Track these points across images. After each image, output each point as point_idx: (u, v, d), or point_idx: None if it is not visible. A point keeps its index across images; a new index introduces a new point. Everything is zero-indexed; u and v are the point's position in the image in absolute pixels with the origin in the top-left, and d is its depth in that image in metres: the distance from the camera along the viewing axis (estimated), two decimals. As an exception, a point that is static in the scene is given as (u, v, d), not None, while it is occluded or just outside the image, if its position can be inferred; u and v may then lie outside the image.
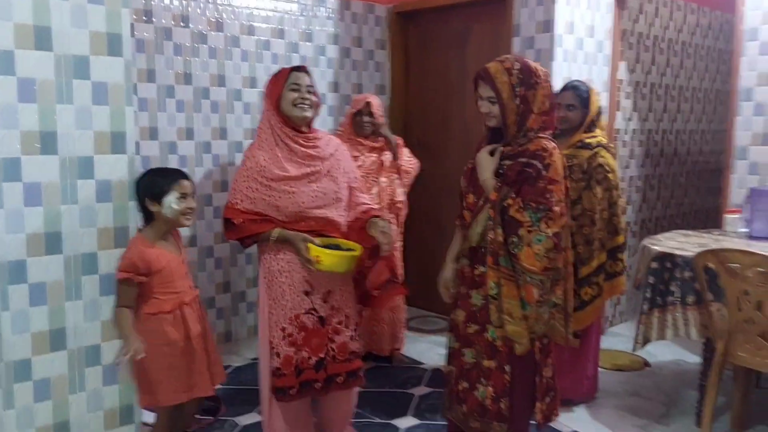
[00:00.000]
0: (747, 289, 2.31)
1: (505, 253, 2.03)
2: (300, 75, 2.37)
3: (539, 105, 2.05)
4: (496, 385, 2.12)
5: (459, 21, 4.15)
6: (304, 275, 2.34)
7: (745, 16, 3.19)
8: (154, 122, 3.42)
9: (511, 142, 2.08)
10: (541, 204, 1.97)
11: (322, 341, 2.37)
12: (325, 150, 2.42)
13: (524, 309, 2.03)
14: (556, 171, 2.00)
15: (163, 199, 2.16)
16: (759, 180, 3.20)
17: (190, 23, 3.49)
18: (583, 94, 2.86)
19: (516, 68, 2.04)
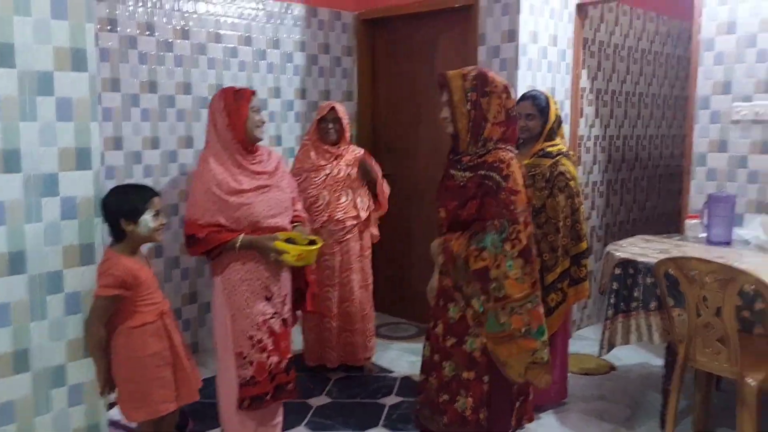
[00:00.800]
0: (705, 296, 2.38)
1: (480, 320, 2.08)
2: (256, 99, 2.50)
3: (494, 114, 2.07)
4: (475, 395, 2.14)
5: (426, 29, 4.18)
6: (264, 282, 2.42)
7: (701, 26, 3.28)
8: (119, 132, 3.37)
9: (469, 151, 2.11)
10: (504, 218, 2.00)
11: (287, 343, 2.48)
12: (270, 164, 2.53)
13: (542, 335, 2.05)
14: (515, 181, 2.02)
15: (140, 219, 2.16)
16: (717, 186, 3.30)
17: (156, 32, 3.45)
18: (541, 103, 2.90)
19: (472, 75, 2.09)
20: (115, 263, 2.13)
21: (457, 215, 2.12)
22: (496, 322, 2.04)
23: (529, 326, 2.03)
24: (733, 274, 2.28)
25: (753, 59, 3.13)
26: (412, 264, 4.42)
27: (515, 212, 1.99)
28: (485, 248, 2.01)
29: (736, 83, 3.19)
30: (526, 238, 2.00)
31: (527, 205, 2.06)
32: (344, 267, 3.38)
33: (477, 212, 2.06)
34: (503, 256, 1.99)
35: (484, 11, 3.65)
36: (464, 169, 2.11)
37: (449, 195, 2.17)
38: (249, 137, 2.44)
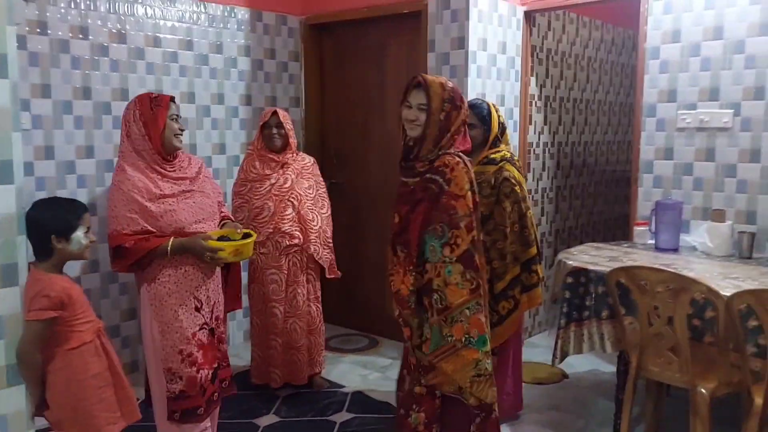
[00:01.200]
0: (656, 305, 2.38)
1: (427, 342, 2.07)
2: (175, 106, 2.42)
3: (457, 125, 2.15)
4: (428, 410, 2.10)
5: (374, 34, 4.11)
6: (192, 292, 2.35)
7: (647, 35, 3.32)
8: (50, 140, 3.17)
9: (421, 157, 2.13)
10: (444, 222, 1.99)
11: (215, 353, 2.42)
12: (191, 169, 2.46)
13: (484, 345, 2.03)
14: (458, 185, 2.03)
15: (72, 236, 2.03)
16: (663, 193, 3.34)
17: (90, 35, 3.26)
18: (482, 112, 2.87)
19: (449, 86, 2.15)
20: (48, 284, 1.98)
21: (409, 220, 2.11)
22: (440, 335, 2.05)
23: (469, 334, 2.03)
24: (684, 284, 2.28)
25: (697, 68, 3.18)
26: (363, 273, 4.33)
27: (455, 217, 2.01)
28: (427, 260, 2.02)
29: (681, 91, 3.24)
30: (466, 243, 2.00)
31: (471, 211, 2.05)
32: (290, 280, 3.24)
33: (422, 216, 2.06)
34: (442, 263, 2.00)
35: (433, 18, 3.61)
36: (415, 175, 2.13)
37: (402, 200, 2.18)
38: (166, 147, 2.35)
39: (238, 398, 3.21)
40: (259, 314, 3.27)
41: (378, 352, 4.00)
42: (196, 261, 2.35)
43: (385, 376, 3.62)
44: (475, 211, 2.10)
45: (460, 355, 2.03)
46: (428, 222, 2.02)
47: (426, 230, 2.01)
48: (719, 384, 2.34)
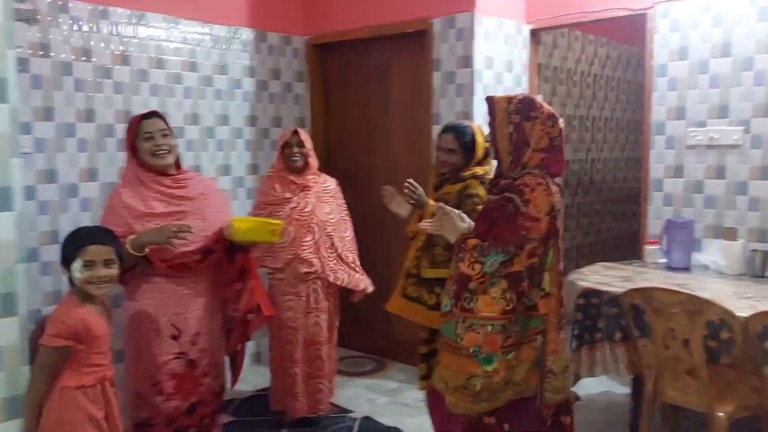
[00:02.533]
0: (673, 327, 2.32)
1: (444, 319, 2.02)
2: (150, 123, 2.38)
3: (537, 139, 2.01)
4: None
5: (379, 54, 4.10)
6: (170, 319, 2.30)
7: (654, 52, 3.29)
8: (53, 164, 3.14)
9: (506, 175, 2.06)
10: (513, 243, 1.93)
11: (193, 385, 2.35)
12: (194, 190, 2.43)
13: (489, 364, 1.95)
14: (536, 207, 1.94)
15: (71, 267, 1.98)
16: (673, 211, 3.29)
17: (93, 57, 3.25)
18: (465, 137, 2.71)
19: (518, 98, 2.05)
20: (67, 311, 1.94)
21: (485, 237, 2.03)
22: (453, 329, 2.00)
23: (479, 348, 1.96)
24: (700, 305, 2.22)
25: (706, 85, 3.15)
26: (370, 295, 4.27)
27: (524, 239, 1.94)
28: (483, 263, 1.96)
29: (690, 109, 3.20)
30: (520, 266, 1.94)
31: (542, 236, 1.96)
32: (311, 307, 3.12)
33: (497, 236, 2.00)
34: (491, 275, 1.94)
35: (439, 36, 3.59)
36: (497, 192, 2.07)
37: (481, 217, 2.12)
38: (150, 166, 2.37)
39: (243, 424, 3.14)
40: (275, 340, 3.18)
41: (385, 375, 3.93)
42: (177, 287, 2.31)
43: (393, 400, 3.54)
44: (552, 238, 1.99)
45: (460, 360, 1.99)
46: (503, 240, 1.96)
47: (499, 246, 1.96)
48: (737, 407, 2.28)
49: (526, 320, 1.99)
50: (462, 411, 2.03)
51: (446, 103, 3.58)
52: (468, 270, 1.98)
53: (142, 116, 2.39)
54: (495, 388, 1.98)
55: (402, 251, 4.04)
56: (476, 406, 2.00)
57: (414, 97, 3.89)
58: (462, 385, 1.98)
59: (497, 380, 1.97)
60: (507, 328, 1.96)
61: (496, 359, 1.97)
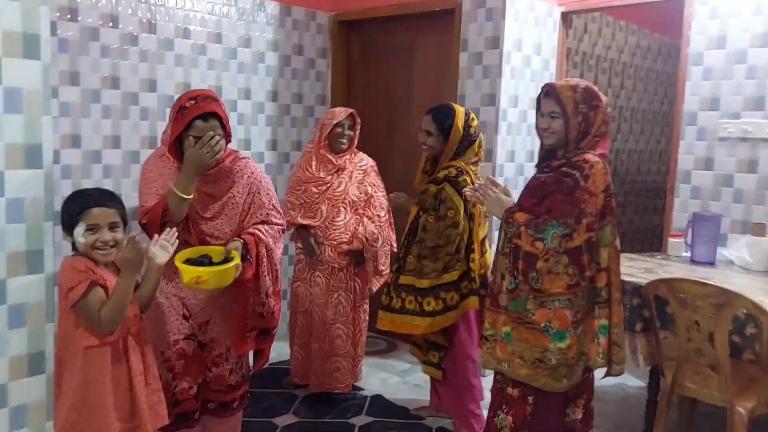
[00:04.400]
0: (697, 320, 2.28)
1: (510, 296, 2.06)
2: (205, 127, 2.11)
3: (597, 127, 2.09)
4: (517, 415, 2.08)
5: (404, 32, 4.04)
6: (181, 299, 2.26)
7: (690, 40, 3.22)
8: (77, 129, 3.14)
9: (558, 156, 2.11)
10: (573, 216, 1.99)
11: (201, 368, 2.30)
12: (222, 188, 2.24)
13: (562, 340, 2.00)
14: (594, 183, 2.01)
15: (74, 232, 1.83)
16: (701, 204, 3.23)
17: (120, 23, 3.23)
18: (441, 120, 2.68)
19: (581, 87, 2.09)
20: (71, 261, 1.82)
21: (532, 212, 2.08)
22: (523, 305, 2.05)
23: (550, 324, 2.02)
24: (728, 298, 2.18)
25: (742, 75, 3.07)
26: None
27: (583, 212, 1.99)
28: (543, 239, 2.00)
29: (725, 100, 3.13)
30: (580, 240, 2.00)
31: (598, 211, 2.03)
32: (336, 286, 3.14)
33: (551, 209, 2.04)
34: (555, 251, 1.99)
35: (467, 16, 3.53)
36: (550, 171, 2.11)
37: (528, 194, 2.16)
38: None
39: (257, 397, 3.15)
40: (304, 314, 3.19)
41: (397, 356, 3.92)
42: None
43: (404, 380, 3.54)
44: (609, 215, 2.07)
45: (533, 333, 2.04)
46: (560, 213, 2.00)
47: (558, 220, 2.00)
48: (758, 403, 2.25)
49: (589, 293, 2.06)
50: (541, 386, 2.05)
51: (472, 84, 3.53)
52: (531, 248, 2.02)
53: (196, 116, 2.11)
54: (571, 363, 2.04)
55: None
56: (557, 383, 2.04)
57: (439, 77, 3.84)
58: (538, 358, 2.03)
59: (571, 355, 2.03)
60: (574, 302, 2.02)
61: (568, 335, 2.02)
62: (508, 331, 2.09)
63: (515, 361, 2.07)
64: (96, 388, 1.86)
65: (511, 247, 2.07)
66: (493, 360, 2.14)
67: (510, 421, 2.10)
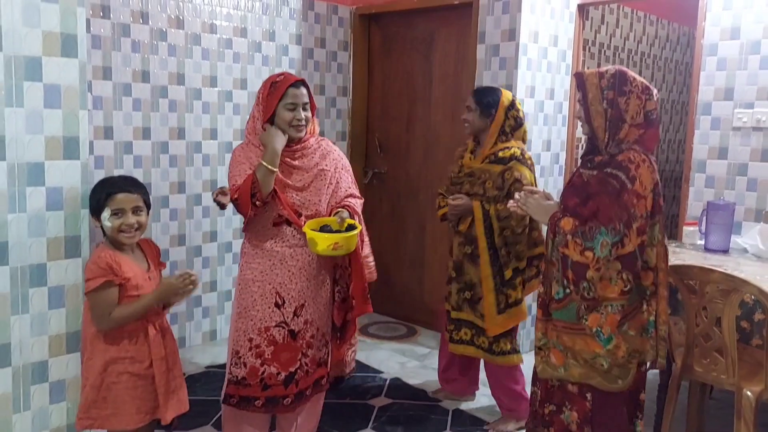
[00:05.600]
0: (705, 305, 2.34)
1: (558, 306, 2.05)
2: (298, 93, 2.24)
3: (632, 114, 1.97)
4: (579, 411, 2.10)
5: (423, 25, 4.12)
6: (275, 287, 2.28)
7: (705, 31, 3.25)
8: (109, 121, 3.29)
9: (603, 152, 2.02)
10: (622, 221, 1.93)
11: (293, 355, 2.30)
12: (311, 161, 2.33)
13: (609, 342, 2.00)
14: (642, 184, 1.93)
15: (101, 216, 1.97)
16: (715, 193, 3.27)
17: (150, 20, 3.37)
18: (482, 98, 2.74)
19: (610, 73, 2.00)
20: (96, 253, 1.96)
21: (576, 213, 2.04)
22: (574, 314, 2.03)
23: (601, 329, 2.00)
24: (735, 284, 2.23)
25: (756, 66, 3.10)
26: (402, 262, 4.37)
27: (632, 216, 1.93)
28: (592, 249, 1.95)
29: (739, 90, 3.16)
30: (632, 245, 1.94)
31: (649, 213, 1.97)
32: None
33: (596, 211, 1.99)
34: (606, 260, 1.94)
35: (484, 9, 3.59)
36: (593, 168, 2.04)
37: (571, 191, 2.10)
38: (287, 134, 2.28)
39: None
40: None
41: (416, 341, 4.03)
42: (285, 257, 2.28)
43: (423, 364, 3.65)
44: (657, 214, 2.00)
45: (583, 338, 2.03)
46: (608, 218, 1.95)
47: (605, 226, 1.95)
48: (766, 387, 2.29)
49: (637, 291, 2.03)
50: (596, 384, 2.06)
51: (489, 76, 3.60)
52: (580, 258, 1.96)
53: (290, 83, 2.23)
54: (622, 362, 2.03)
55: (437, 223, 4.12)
56: (613, 384, 2.06)
57: (457, 69, 3.92)
58: (590, 364, 2.03)
59: (621, 355, 2.02)
60: (624, 308, 2.00)
61: (614, 336, 2.01)
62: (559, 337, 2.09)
63: (570, 362, 2.07)
64: (114, 369, 1.96)
65: (560, 256, 2.02)
66: (549, 368, 2.12)
67: (575, 417, 2.11)
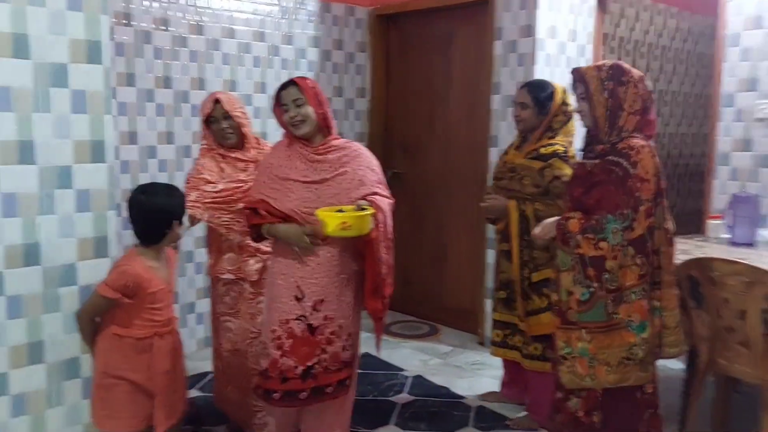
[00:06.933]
0: (727, 297, 2.32)
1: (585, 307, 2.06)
2: (285, 93, 2.28)
3: (630, 102, 2.07)
4: (588, 397, 2.11)
5: (441, 24, 4.14)
6: (296, 281, 2.29)
7: (727, 21, 3.21)
8: (134, 126, 3.36)
9: (604, 141, 2.11)
10: (630, 207, 1.99)
11: (311, 350, 2.30)
12: (335, 162, 2.32)
13: (644, 331, 2.04)
14: (644, 168, 2.01)
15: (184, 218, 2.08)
16: (740, 186, 3.23)
17: (170, 26, 3.44)
18: (537, 94, 2.69)
19: (607, 66, 2.10)
20: (130, 264, 1.99)
21: (581, 202, 2.10)
22: (604, 311, 2.04)
23: (630, 318, 2.04)
24: (758, 276, 2.21)
25: (779, 56, 3.06)
26: (422, 262, 4.38)
27: (638, 200, 2.00)
28: (605, 239, 2.01)
29: (762, 80, 3.12)
30: (641, 228, 2.01)
31: (654, 196, 2.04)
32: None
33: (600, 200, 2.04)
34: (621, 246, 2.00)
35: (502, 5, 3.60)
36: (595, 157, 2.11)
37: (576, 182, 2.17)
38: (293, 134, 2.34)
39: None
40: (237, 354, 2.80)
41: (438, 339, 4.04)
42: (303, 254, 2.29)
43: (446, 362, 3.65)
44: (659, 197, 2.07)
45: (618, 334, 2.05)
46: (614, 205, 2.02)
47: (612, 213, 2.01)
48: (793, 381, 2.27)
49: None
50: (633, 382, 2.08)
51: (507, 72, 3.60)
52: (595, 251, 2.02)
53: (281, 86, 2.29)
54: (653, 351, 2.08)
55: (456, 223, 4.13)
56: (646, 373, 2.08)
57: (475, 67, 3.92)
58: (625, 357, 2.05)
59: (654, 343, 2.06)
60: (646, 291, 2.04)
61: (648, 324, 2.05)
62: (584, 346, 2.08)
63: (601, 369, 2.07)
64: (113, 373, 2.01)
65: (576, 260, 2.07)
66: (576, 378, 2.12)
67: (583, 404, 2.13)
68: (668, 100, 4.71)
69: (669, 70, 4.65)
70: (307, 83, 2.28)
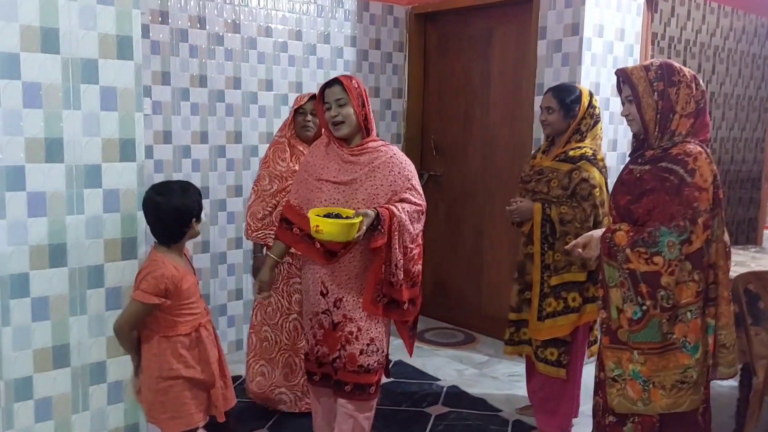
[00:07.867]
0: (792, 314, 2.16)
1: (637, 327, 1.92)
2: (328, 92, 2.24)
3: (683, 104, 1.91)
4: (644, 423, 2.00)
5: (481, 23, 4.01)
6: (321, 276, 2.32)
7: (786, 20, 3.02)
8: (168, 126, 3.33)
9: (655, 146, 1.95)
10: (687, 218, 1.84)
11: (334, 344, 2.35)
12: (367, 164, 2.27)
13: (697, 351, 1.91)
14: (702, 177, 1.85)
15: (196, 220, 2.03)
16: (799, 194, 3.03)
17: (207, 25, 3.40)
18: (564, 97, 2.62)
19: (655, 65, 1.95)
20: (161, 268, 1.96)
21: (628, 211, 1.96)
22: (658, 331, 1.90)
23: (686, 338, 1.90)
24: (825, 292, 2.04)
25: None
26: (459, 268, 4.26)
27: (696, 211, 1.84)
28: (659, 252, 1.86)
29: (826, 81, 2.92)
30: (699, 241, 1.85)
31: (712, 206, 1.88)
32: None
33: (652, 210, 1.89)
34: (678, 260, 1.85)
35: (546, 3, 3.46)
36: (644, 163, 1.96)
37: (622, 189, 2.01)
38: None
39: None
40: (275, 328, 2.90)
41: (474, 348, 3.91)
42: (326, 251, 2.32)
43: (482, 372, 3.53)
44: (716, 207, 1.92)
45: (674, 355, 1.92)
46: (668, 216, 1.86)
47: (668, 225, 1.86)
48: None
49: None
50: (686, 408, 1.95)
51: (551, 72, 3.46)
52: (648, 267, 1.87)
53: (324, 85, 2.26)
54: (704, 371, 1.95)
55: (496, 228, 4.00)
56: (698, 395, 1.96)
57: (517, 67, 3.79)
58: (679, 380, 1.92)
59: (707, 363, 1.94)
60: (702, 309, 1.90)
61: (699, 345, 1.92)
62: (636, 369, 1.95)
63: (656, 393, 1.94)
64: (168, 374, 1.98)
65: (625, 275, 1.92)
66: (626, 401, 1.99)
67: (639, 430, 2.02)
68: (720, 102, 4.49)
69: (721, 72, 4.44)
70: (351, 83, 2.24)
